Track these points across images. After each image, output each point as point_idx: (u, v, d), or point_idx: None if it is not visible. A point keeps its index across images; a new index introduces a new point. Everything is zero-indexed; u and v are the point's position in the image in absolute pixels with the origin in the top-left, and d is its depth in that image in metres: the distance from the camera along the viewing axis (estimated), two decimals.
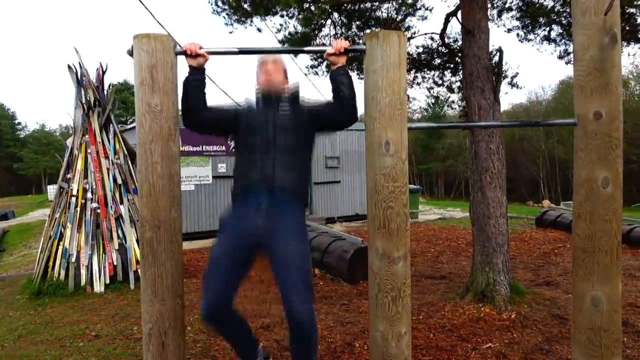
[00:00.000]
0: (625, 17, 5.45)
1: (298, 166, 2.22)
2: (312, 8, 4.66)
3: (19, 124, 63.07)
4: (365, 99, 1.99)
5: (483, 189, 4.64)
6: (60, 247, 5.75)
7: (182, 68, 2.07)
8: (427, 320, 4.28)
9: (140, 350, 3.72)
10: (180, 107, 2.08)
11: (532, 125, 2.47)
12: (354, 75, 6.39)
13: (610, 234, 1.98)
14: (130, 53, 1.96)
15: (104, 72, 6.38)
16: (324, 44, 6.09)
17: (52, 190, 29.22)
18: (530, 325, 4.07)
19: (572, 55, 6.52)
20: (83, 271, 5.67)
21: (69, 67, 6.35)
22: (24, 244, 11.82)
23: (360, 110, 2.19)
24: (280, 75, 2.30)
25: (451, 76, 7.50)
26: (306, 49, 3.81)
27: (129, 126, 10.80)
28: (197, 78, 2.08)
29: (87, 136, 6.12)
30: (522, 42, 7.13)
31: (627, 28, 5.62)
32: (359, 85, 2.25)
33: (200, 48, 2.02)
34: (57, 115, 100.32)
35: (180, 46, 2.05)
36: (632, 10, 5.21)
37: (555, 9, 6.20)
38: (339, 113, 2.14)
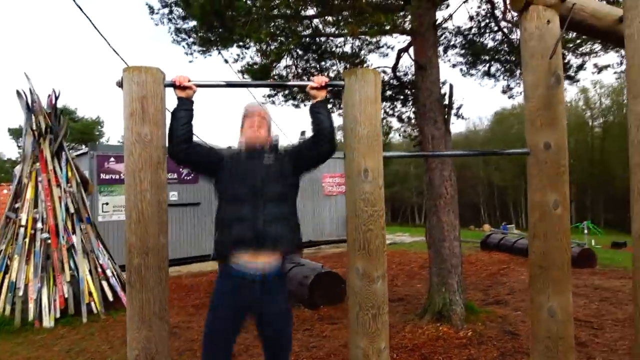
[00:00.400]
0: None
1: (287, 216, 2.28)
2: (273, 46, 4.86)
3: None
4: (345, 131, 2.15)
5: (438, 214, 4.92)
6: (6, 281, 5.44)
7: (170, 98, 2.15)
8: (390, 341, 4.41)
9: None
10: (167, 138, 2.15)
11: (489, 154, 2.74)
12: None
13: (562, 250, 2.22)
14: (120, 85, 2.03)
15: (56, 98, 6.22)
16: (287, 79, 6.30)
17: None
18: (485, 341, 4.31)
19: (514, 90, 7.10)
20: (31, 305, 5.37)
21: (17, 93, 6.14)
22: None
23: None
24: (265, 130, 2.38)
25: (401, 107, 7.93)
26: (289, 83, 3.98)
27: (79, 152, 10.45)
28: (185, 109, 2.15)
29: (37, 164, 5.90)
30: (465, 76, 7.72)
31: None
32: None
33: (189, 80, 2.12)
34: None
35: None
36: (564, 51, 5.80)
37: (495, 48, 6.78)
38: (320, 144, 2.25)
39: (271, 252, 2.22)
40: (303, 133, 12.60)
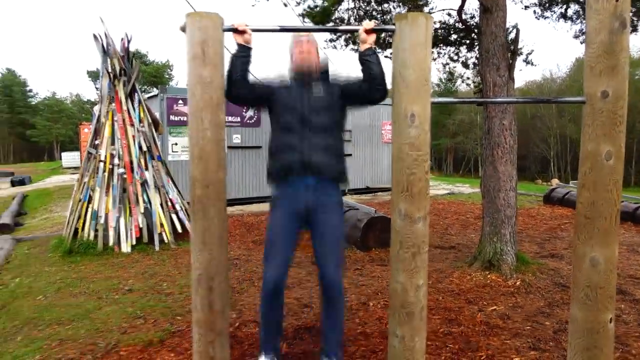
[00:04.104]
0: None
1: (332, 146, 2.45)
2: None
3: (30, 91, 63.71)
4: (394, 75, 2.20)
5: (494, 163, 4.84)
6: (90, 210, 6.08)
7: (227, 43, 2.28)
8: (437, 285, 4.56)
9: (172, 303, 4.07)
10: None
11: (543, 102, 2.61)
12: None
13: (611, 202, 2.19)
14: (183, 29, 2.18)
15: (129, 42, 6.57)
16: (349, 23, 6.21)
17: (66, 157, 29.73)
18: (533, 291, 4.34)
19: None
20: (111, 232, 6.00)
21: (94, 36, 6.54)
22: (44, 208, 12.22)
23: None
24: (314, 54, 2.51)
25: (467, 52, 7.63)
26: (341, 28, 4.01)
27: (150, 95, 11.03)
28: (243, 56, 2.29)
29: (113, 104, 6.37)
30: (538, 19, 7.20)
31: (634, 9, 5.70)
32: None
33: (246, 25, 2.24)
34: (67, 84, 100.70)
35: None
36: None
37: None
38: (371, 91, 2.35)
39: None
40: None
